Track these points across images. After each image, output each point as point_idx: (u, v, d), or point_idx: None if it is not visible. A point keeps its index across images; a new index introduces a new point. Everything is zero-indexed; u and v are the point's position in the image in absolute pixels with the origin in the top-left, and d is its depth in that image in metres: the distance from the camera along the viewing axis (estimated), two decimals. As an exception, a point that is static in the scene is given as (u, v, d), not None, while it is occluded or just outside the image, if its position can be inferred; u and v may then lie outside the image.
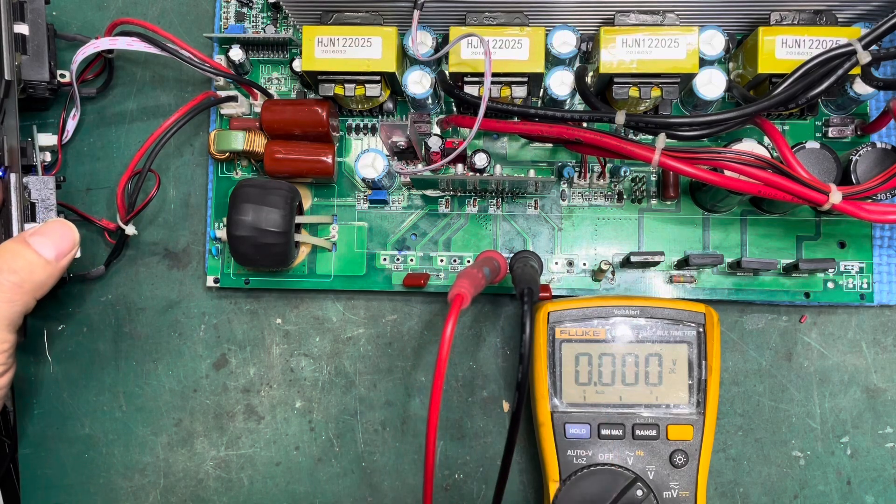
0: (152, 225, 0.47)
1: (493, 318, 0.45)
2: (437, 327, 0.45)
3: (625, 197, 0.44)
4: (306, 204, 0.45)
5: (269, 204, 0.40)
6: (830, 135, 0.43)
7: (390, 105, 0.45)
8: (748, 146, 0.41)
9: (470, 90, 0.41)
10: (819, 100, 0.41)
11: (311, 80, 0.42)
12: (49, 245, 0.37)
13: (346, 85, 0.41)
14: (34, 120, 0.47)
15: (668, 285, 0.44)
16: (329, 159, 0.43)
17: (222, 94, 0.45)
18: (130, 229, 0.43)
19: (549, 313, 0.40)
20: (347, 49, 0.40)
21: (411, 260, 0.45)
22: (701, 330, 0.39)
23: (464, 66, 0.40)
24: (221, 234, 0.45)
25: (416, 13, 0.39)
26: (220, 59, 0.45)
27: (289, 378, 0.46)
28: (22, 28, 0.42)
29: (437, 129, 0.45)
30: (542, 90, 0.43)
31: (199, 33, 0.47)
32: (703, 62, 0.40)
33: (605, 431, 0.39)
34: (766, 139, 0.42)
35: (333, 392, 0.45)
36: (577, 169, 0.44)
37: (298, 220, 0.42)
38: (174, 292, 0.46)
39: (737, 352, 0.44)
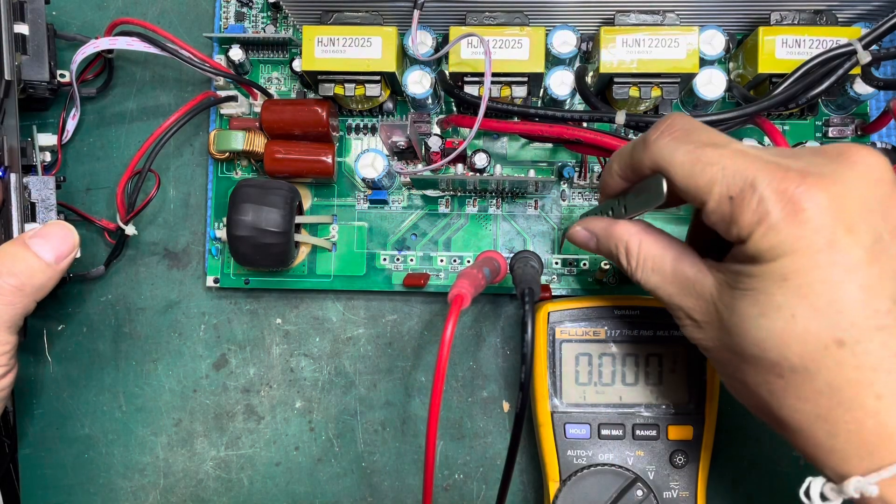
0: (152, 225, 0.47)
1: (493, 318, 0.45)
2: (437, 327, 0.45)
3: (625, 197, 0.44)
4: (306, 204, 0.45)
5: (269, 204, 0.40)
6: (831, 135, 0.43)
7: (390, 105, 0.45)
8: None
9: (470, 90, 0.41)
10: (819, 100, 0.41)
11: (311, 80, 0.42)
12: (49, 248, 0.37)
13: (346, 85, 0.41)
14: (34, 120, 0.47)
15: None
16: (329, 159, 0.43)
17: (222, 93, 0.45)
18: (130, 229, 0.43)
19: (549, 313, 0.40)
20: (347, 49, 0.40)
21: (411, 260, 0.45)
22: (701, 330, 0.39)
23: (464, 66, 0.40)
24: (221, 234, 0.44)
25: (416, 13, 0.39)
26: (219, 59, 0.45)
27: (289, 378, 0.46)
28: (22, 28, 0.42)
29: (437, 129, 0.45)
30: (542, 90, 0.43)
31: (199, 33, 0.47)
32: (704, 62, 0.40)
33: (605, 431, 0.39)
34: (766, 139, 0.42)
35: (333, 392, 0.45)
36: (577, 169, 0.44)
37: (298, 220, 0.42)
38: (174, 292, 0.46)
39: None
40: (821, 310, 0.25)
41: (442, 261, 0.45)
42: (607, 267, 0.42)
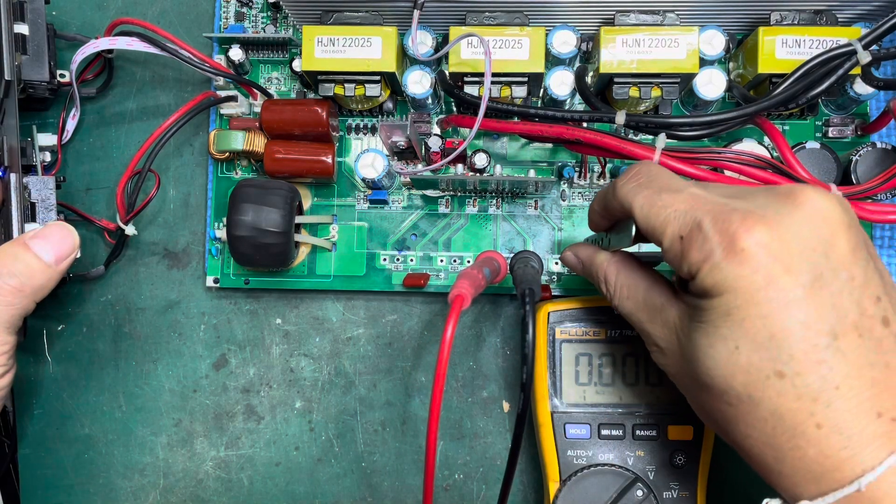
0: (152, 225, 0.47)
1: (493, 318, 0.45)
2: (437, 327, 0.45)
3: (625, 197, 0.44)
4: (306, 204, 0.45)
5: (268, 204, 0.40)
6: (830, 135, 0.43)
7: (390, 105, 0.45)
8: (748, 146, 0.41)
9: (470, 90, 0.41)
10: (819, 100, 0.41)
11: (310, 80, 0.42)
12: (49, 249, 0.37)
13: (346, 85, 0.41)
14: (34, 120, 0.47)
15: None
16: (329, 159, 0.43)
17: (222, 93, 0.45)
18: (130, 229, 0.43)
19: (549, 313, 0.40)
20: (347, 49, 0.40)
21: (411, 260, 0.45)
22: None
23: (464, 66, 0.40)
24: (221, 234, 0.44)
25: (416, 13, 0.39)
26: (219, 59, 0.45)
27: (289, 378, 0.46)
28: (22, 28, 0.42)
29: (437, 129, 0.45)
30: (542, 90, 0.43)
31: (199, 33, 0.47)
32: (704, 62, 0.40)
33: (605, 432, 0.39)
34: (766, 139, 0.42)
35: (333, 392, 0.45)
36: (577, 169, 0.44)
37: (298, 220, 0.42)
38: (174, 292, 0.46)
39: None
40: (761, 343, 0.27)
41: (442, 261, 0.45)
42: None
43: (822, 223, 0.27)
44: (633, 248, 0.35)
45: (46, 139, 0.45)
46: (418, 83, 0.42)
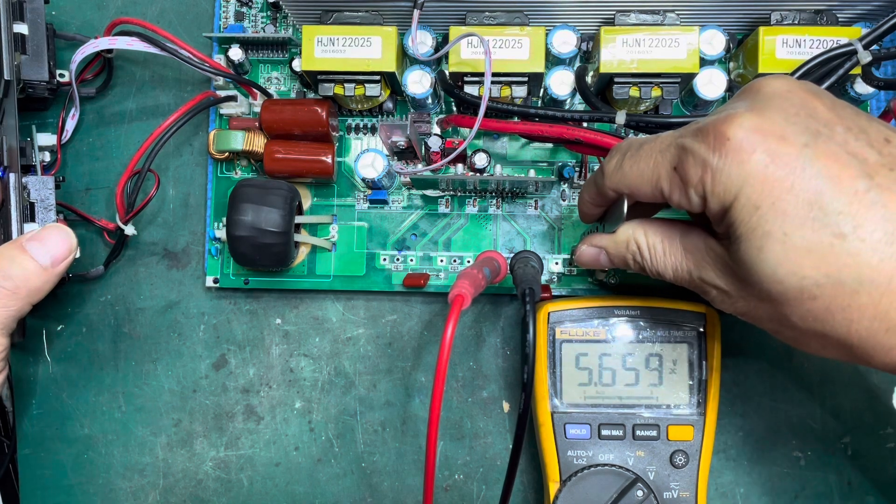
0: (151, 225, 0.47)
1: (494, 318, 0.45)
2: (437, 327, 0.45)
3: (625, 197, 0.44)
4: (306, 204, 0.45)
5: (268, 204, 0.40)
6: (831, 135, 0.43)
7: (390, 105, 0.45)
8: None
9: (470, 90, 0.41)
10: (819, 100, 0.41)
11: (310, 79, 0.42)
12: (45, 251, 0.37)
13: (345, 85, 0.41)
14: (33, 120, 0.47)
15: (668, 285, 0.43)
16: (329, 159, 0.43)
17: (222, 93, 0.45)
18: (130, 229, 0.43)
19: (549, 313, 0.40)
20: (347, 49, 0.40)
21: (411, 260, 0.45)
22: (701, 330, 0.39)
23: (464, 66, 0.40)
24: (221, 234, 0.44)
25: (416, 13, 0.39)
26: (219, 59, 0.45)
27: (288, 378, 0.46)
28: (21, 28, 0.42)
29: (437, 129, 0.45)
30: (542, 90, 0.43)
31: (199, 33, 0.47)
32: (704, 62, 0.40)
33: (605, 432, 0.39)
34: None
35: (333, 392, 0.45)
36: (577, 169, 0.44)
37: (298, 220, 0.42)
38: (173, 292, 0.46)
39: (737, 352, 0.44)
40: (804, 216, 0.25)
41: (442, 261, 0.44)
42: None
43: (790, 94, 0.27)
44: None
45: (46, 139, 0.45)
46: (418, 83, 0.41)
